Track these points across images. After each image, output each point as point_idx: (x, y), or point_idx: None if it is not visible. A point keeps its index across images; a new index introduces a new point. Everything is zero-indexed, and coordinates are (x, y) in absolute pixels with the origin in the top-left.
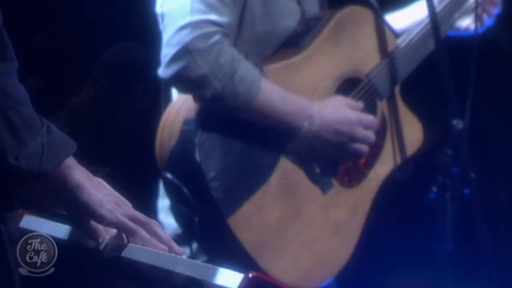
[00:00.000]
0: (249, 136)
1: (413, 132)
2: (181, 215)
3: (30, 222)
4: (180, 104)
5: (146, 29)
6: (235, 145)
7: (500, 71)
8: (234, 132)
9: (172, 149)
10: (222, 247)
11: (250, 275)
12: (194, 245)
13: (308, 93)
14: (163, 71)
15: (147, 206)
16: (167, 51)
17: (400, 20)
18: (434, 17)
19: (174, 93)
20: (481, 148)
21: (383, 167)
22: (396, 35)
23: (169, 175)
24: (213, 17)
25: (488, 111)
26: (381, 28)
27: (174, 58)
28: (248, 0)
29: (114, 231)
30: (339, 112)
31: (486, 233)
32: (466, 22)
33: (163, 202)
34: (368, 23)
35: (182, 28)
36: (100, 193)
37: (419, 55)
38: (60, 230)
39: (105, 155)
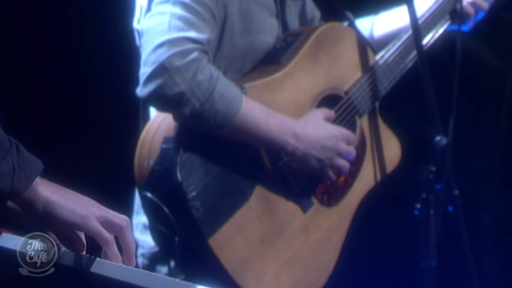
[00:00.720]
0: (229, 155)
1: (391, 149)
2: (160, 235)
3: (7, 240)
4: (159, 121)
5: (125, 44)
6: (216, 164)
7: (483, 87)
8: (214, 151)
9: (152, 167)
10: (203, 267)
11: None
12: (172, 264)
13: (289, 110)
14: (140, 90)
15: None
16: (144, 70)
17: (389, 22)
18: (416, 30)
19: (152, 111)
20: (464, 164)
21: (362, 185)
22: (375, 51)
23: (148, 194)
24: (192, 34)
25: (472, 127)
26: (360, 45)
27: (151, 77)
28: (228, 15)
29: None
30: (322, 127)
31: (470, 250)
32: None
33: (138, 219)
34: (347, 39)
35: (159, 46)
36: (69, 201)
37: (398, 71)
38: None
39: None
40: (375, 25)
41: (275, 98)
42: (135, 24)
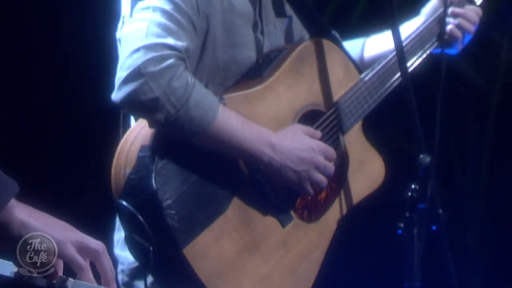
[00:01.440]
0: (206, 164)
1: (375, 168)
2: (136, 245)
3: None
4: (137, 132)
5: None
6: (192, 173)
7: (469, 106)
8: (191, 160)
9: (128, 176)
10: (178, 277)
11: None
12: (149, 279)
13: (269, 123)
14: (115, 95)
15: (104, 240)
16: (120, 74)
17: (380, 44)
18: (400, 51)
19: (133, 123)
20: (449, 183)
21: (344, 203)
22: (359, 70)
23: (124, 202)
24: (169, 41)
25: (457, 145)
26: (344, 62)
27: (126, 81)
28: (211, 27)
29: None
30: (299, 140)
31: (454, 269)
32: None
33: (119, 235)
34: (331, 56)
35: (135, 51)
36: (45, 225)
37: (383, 90)
38: (8, 268)
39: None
40: (366, 46)
41: (255, 110)
42: (118, 34)
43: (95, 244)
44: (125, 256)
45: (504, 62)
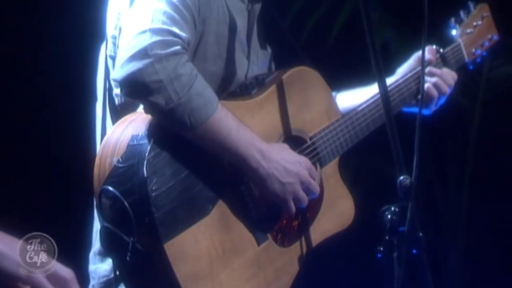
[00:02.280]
0: (197, 164)
1: (345, 209)
2: (113, 237)
3: None
4: (127, 124)
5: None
6: (182, 170)
7: (450, 126)
8: (183, 156)
9: (114, 164)
10: (153, 274)
11: None
12: None
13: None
14: (117, 72)
15: (81, 258)
16: (123, 53)
17: (351, 98)
18: (385, 97)
19: (109, 127)
20: (429, 205)
21: (315, 235)
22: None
23: (110, 188)
24: (174, 29)
25: (438, 167)
26: (330, 95)
27: (131, 59)
28: (205, 33)
29: None
30: (287, 153)
31: None
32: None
33: (92, 250)
34: (319, 87)
35: (141, 33)
36: (15, 252)
37: (363, 130)
38: None
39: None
40: (337, 99)
41: (244, 121)
42: (112, 31)
43: (65, 271)
44: (96, 270)
45: (485, 81)
